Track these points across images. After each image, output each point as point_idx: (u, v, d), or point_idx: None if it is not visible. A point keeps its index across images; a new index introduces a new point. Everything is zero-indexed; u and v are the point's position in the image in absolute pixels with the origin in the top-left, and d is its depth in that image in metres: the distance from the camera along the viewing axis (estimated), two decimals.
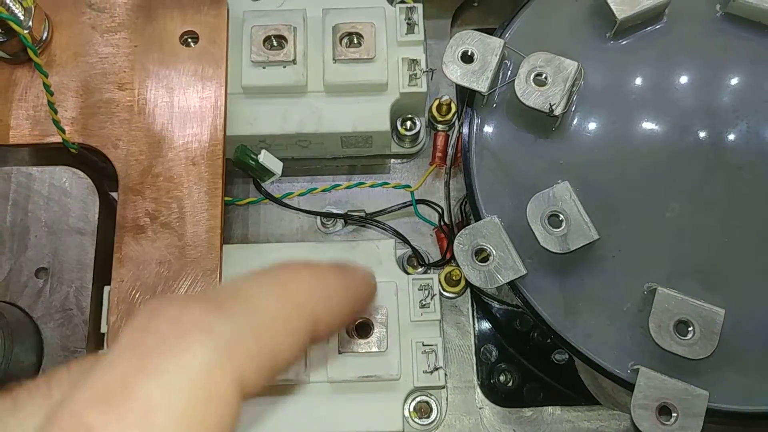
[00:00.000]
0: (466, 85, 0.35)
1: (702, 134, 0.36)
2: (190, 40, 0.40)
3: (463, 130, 0.36)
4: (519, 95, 0.35)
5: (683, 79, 0.37)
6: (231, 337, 0.17)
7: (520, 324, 0.42)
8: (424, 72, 0.41)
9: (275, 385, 0.35)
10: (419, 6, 0.42)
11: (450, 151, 0.41)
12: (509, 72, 0.37)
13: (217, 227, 0.36)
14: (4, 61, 0.39)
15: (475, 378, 0.40)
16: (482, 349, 0.42)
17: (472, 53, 0.36)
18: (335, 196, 0.44)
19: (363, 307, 0.22)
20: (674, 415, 0.31)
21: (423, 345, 0.36)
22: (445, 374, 0.36)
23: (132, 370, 0.16)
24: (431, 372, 0.35)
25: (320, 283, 0.20)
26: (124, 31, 0.40)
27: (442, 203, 0.42)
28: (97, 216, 0.37)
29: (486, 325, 0.42)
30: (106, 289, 0.36)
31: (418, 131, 0.43)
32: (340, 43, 0.40)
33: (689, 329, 0.31)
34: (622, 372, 0.33)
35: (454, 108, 0.43)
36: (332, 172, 0.45)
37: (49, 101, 0.34)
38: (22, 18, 0.37)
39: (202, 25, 0.40)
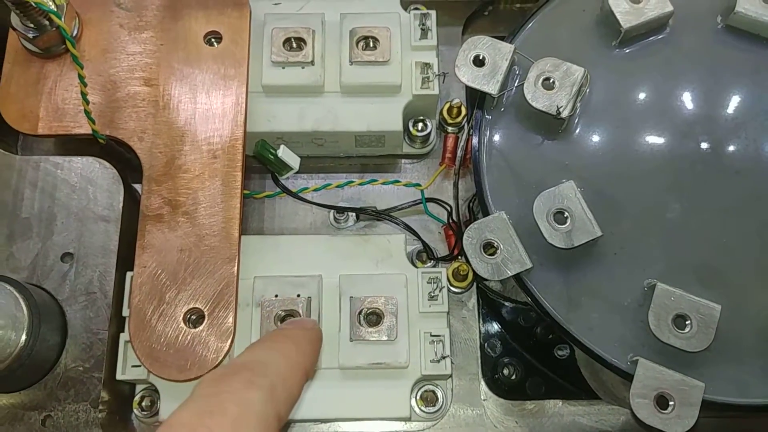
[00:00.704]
0: (477, 87, 0.37)
1: (702, 140, 0.37)
2: (213, 40, 0.42)
3: (474, 131, 0.38)
4: (528, 98, 0.36)
5: (685, 87, 0.38)
6: (270, 388, 0.27)
7: (523, 320, 0.43)
8: (436, 75, 0.42)
9: None
10: (433, 12, 0.44)
11: (459, 153, 0.42)
12: (518, 76, 0.38)
13: (235, 218, 0.38)
14: (36, 56, 0.41)
15: (480, 371, 0.41)
16: (487, 343, 0.43)
17: (484, 57, 0.37)
18: (348, 193, 0.45)
19: (320, 346, 0.35)
20: (671, 404, 0.32)
21: (431, 335, 0.38)
22: (452, 363, 0.38)
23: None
24: (438, 361, 0.37)
25: (300, 344, 0.32)
26: (150, 30, 0.41)
27: (451, 202, 0.44)
28: (121, 204, 0.39)
29: (491, 320, 0.44)
30: (129, 274, 0.38)
31: (429, 132, 0.45)
32: (357, 46, 0.42)
33: (687, 323, 0.33)
34: (622, 363, 0.34)
35: (464, 111, 0.44)
36: (346, 170, 0.46)
37: (82, 92, 0.36)
38: (57, 12, 0.38)
39: (225, 26, 0.42)
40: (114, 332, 0.37)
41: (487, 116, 0.38)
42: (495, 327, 0.44)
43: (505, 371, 0.43)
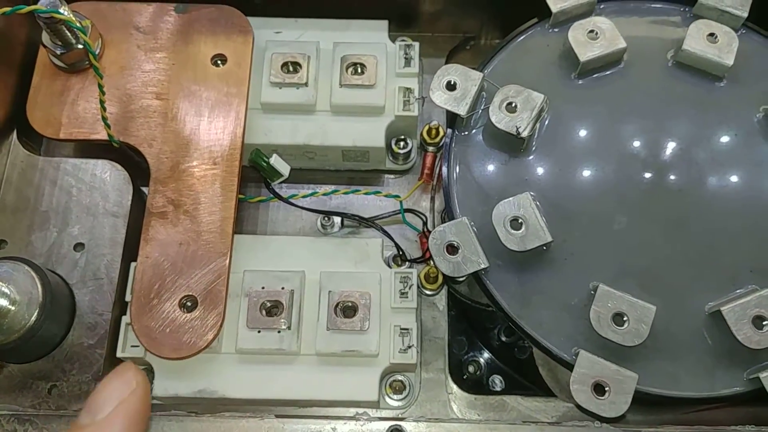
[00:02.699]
0: (448, 108, 0.42)
1: (649, 162, 0.42)
2: (219, 61, 0.47)
3: (445, 147, 0.43)
4: (492, 119, 0.41)
5: (636, 115, 0.43)
6: None
7: (488, 321, 0.47)
8: (416, 99, 0.47)
9: (272, 354, 0.41)
10: (416, 44, 0.49)
11: (436, 170, 0.47)
12: (486, 100, 0.43)
13: (230, 218, 0.42)
14: (62, 70, 0.46)
15: (446, 367, 0.45)
16: (454, 342, 0.47)
17: (455, 82, 0.42)
18: (334, 202, 0.50)
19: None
20: (607, 391, 0.36)
21: (400, 328, 0.42)
22: (418, 353, 0.42)
23: None
24: (405, 350, 0.41)
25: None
26: (164, 51, 0.47)
27: (427, 213, 0.48)
28: (129, 202, 0.44)
29: (459, 321, 0.48)
30: (132, 264, 0.42)
31: (410, 150, 0.50)
32: (346, 71, 0.47)
33: (624, 320, 0.37)
34: (567, 356, 0.38)
35: (442, 132, 0.49)
36: (334, 182, 0.51)
37: (101, 99, 0.41)
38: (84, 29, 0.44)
39: (230, 50, 0.47)
40: (117, 315, 0.42)
41: (457, 134, 0.43)
42: (462, 327, 0.48)
43: (470, 368, 0.47)
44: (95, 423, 0.29)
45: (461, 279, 0.42)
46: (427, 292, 0.46)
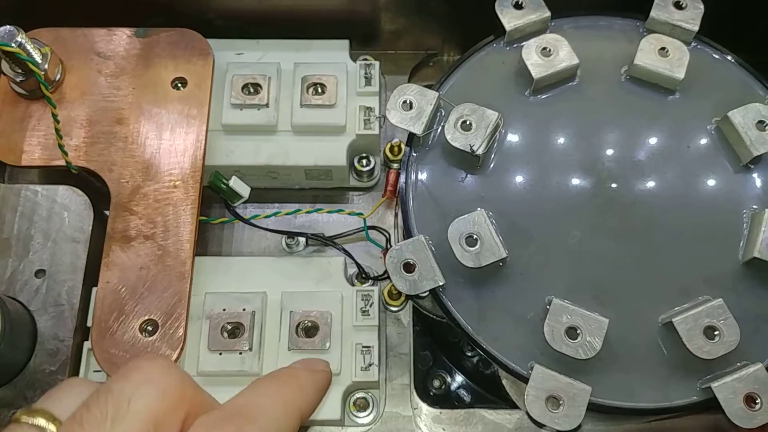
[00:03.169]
0: (404, 127, 0.42)
1: (603, 176, 0.42)
2: (179, 84, 0.47)
3: (402, 165, 0.43)
4: (448, 138, 0.41)
5: (589, 130, 0.43)
6: None
7: (452, 336, 0.48)
8: (377, 117, 0.48)
9: (234, 376, 0.41)
10: (377, 63, 0.50)
11: (399, 186, 0.48)
12: (443, 119, 0.44)
13: (191, 240, 0.43)
14: (23, 97, 0.46)
15: (411, 382, 0.46)
16: (419, 356, 0.47)
17: (411, 102, 0.43)
18: (299, 221, 0.50)
19: (326, 390, 0.32)
20: (561, 404, 0.37)
21: (362, 346, 0.42)
22: (379, 371, 0.42)
23: None
24: (367, 368, 0.41)
25: (305, 388, 0.30)
26: (124, 75, 0.47)
27: (391, 230, 0.49)
28: (90, 228, 0.44)
29: (423, 336, 0.48)
30: (94, 290, 0.42)
31: (373, 168, 0.50)
32: (307, 91, 0.48)
33: (578, 333, 0.37)
34: (523, 370, 0.38)
35: (404, 149, 0.50)
36: (299, 201, 0.51)
37: (56, 128, 0.42)
38: (39, 61, 0.44)
39: (190, 73, 0.47)
40: (78, 341, 0.42)
41: (414, 153, 0.44)
42: (427, 342, 0.48)
43: (435, 382, 0.47)
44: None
45: (423, 295, 0.42)
46: (392, 308, 0.47)
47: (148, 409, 0.22)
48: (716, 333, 0.37)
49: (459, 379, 0.47)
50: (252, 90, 0.48)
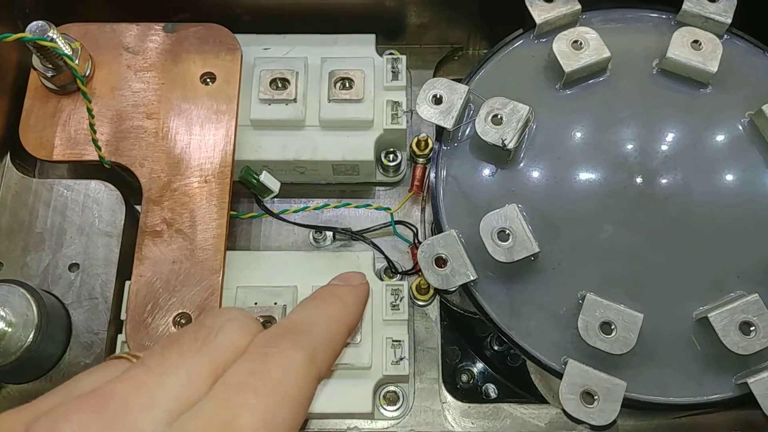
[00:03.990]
0: (435, 122, 0.42)
1: (635, 170, 0.42)
2: (208, 79, 0.47)
3: (433, 160, 0.43)
4: (478, 132, 0.41)
5: (621, 125, 0.43)
6: (312, 350, 0.28)
7: (480, 330, 0.48)
8: (404, 112, 0.48)
9: None
10: (403, 57, 0.49)
11: (426, 181, 0.48)
12: (473, 113, 0.44)
13: (222, 235, 0.43)
14: (53, 92, 0.47)
15: (440, 376, 0.46)
16: (447, 351, 0.47)
17: (441, 96, 0.43)
18: (326, 216, 0.50)
19: (366, 301, 0.36)
20: (595, 399, 0.36)
21: (392, 340, 0.42)
22: (409, 365, 0.42)
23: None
24: (397, 362, 0.41)
25: (347, 303, 0.34)
26: (154, 70, 0.47)
27: (418, 225, 0.49)
28: (122, 222, 0.44)
29: (451, 330, 0.48)
30: (127, 283, 0.43)
31: (400, 163, 0.50)
32: (335, 86, 0.48)
33: (612, 329, 0.37)
34: (556, 365, 0.38)
35: (431, 144, 0.50)
36: (325, 196, 0.51)
37: (90, 123, 0.42)
38: (70, 55, 0.44)
39: (219, 68, 0.47)
40: (112, 334, 0.42)
41: (444, 147, 0.44)
42: (455, 337, 0.48)
43: (464, 377, 0.47)
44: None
45: (452, 290, 0.42)
46: (420, 303, 0.47)
47: (231, 341, 0.27)
48: (752, 328, 0.37)
49: (487, 373, 0.47)
50: (280, 85, 0.48)
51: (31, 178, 0.47)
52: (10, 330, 0.38)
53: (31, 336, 0.38)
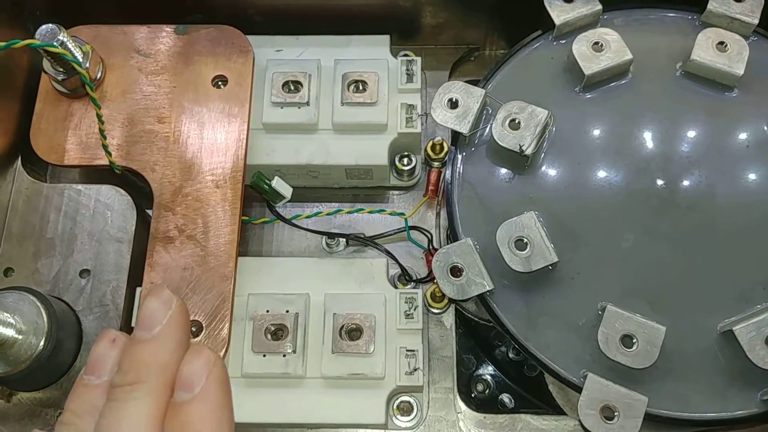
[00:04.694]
0: (450, 126, 0.41)
1: (657, 177, 0.41)
2: (220, 82, 0.47)
3: (448, 165, 0.42)
4: (495, 137, 0.40)
5: (643, 129, 0.42)
6: None
7: (496, 339, 0.47)
8: (419, 115, 0.47)
9: (278, 378, 0.41)
10: (418, 59, 0.48)
11: (441, 186, 0.47)
12: (490, 117, 0.43)
13: (234, 241, 0.42)
14: (64, 96, 0.46)
15: (455, 386, 0.45)
16: (462, 360, 0.46)
17: (457, 100, 0.42)
18: (339, 221, 0.50)
19: None
20: (616, 415, 0.35)
21: (406, 350, 0.41)
22: (423, 375, 0.41)
23: None
24: (411, 373, 0.41)
25: None
26: (165, 73, 0.47)
27: (433, 230, 0.48)
28: (134, 227, 0.44)
29: (467, 339, 0.47)
30: (138, 290, 0.42)
31: (414, 167, 0.49)
32: (348, 89, 0.47)
33: (633, 342, 0.36)
34: (575, 378, 0.37)
35: (446, 148, 0.49)
36: (339, 200, 0.51)
37: (100, 128, 0.41)
38: (81, 59, 0.44)
39: (230, 71, 0.47)
40: None
41: (460, 153, 0.43)
42: (470, 345, 0.47)
43: (479, 386, 0.46)
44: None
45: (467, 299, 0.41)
46: (434, 311, 0.46)
47: None
48: None
49: (503, 383, 0.46)
50: (292, 88, 0.47)
51: (42, 182, 0.47)
52: (20, 338, 0.38)
53: (42, 343, 0.38)
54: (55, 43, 0.40)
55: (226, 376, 0.27)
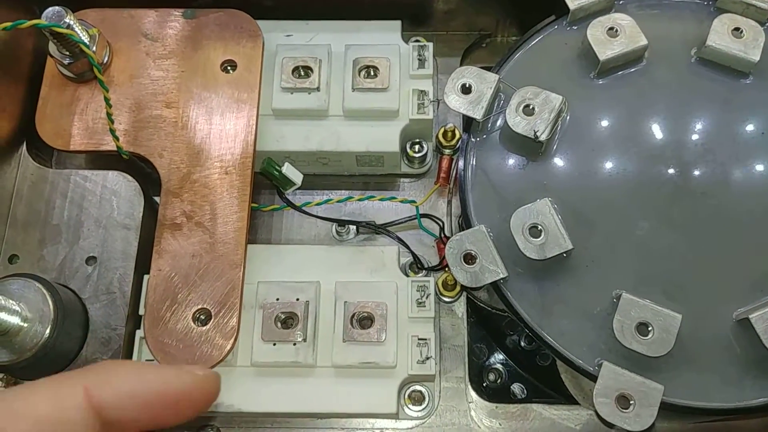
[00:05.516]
0: (464, 112, 0.41)
1: (671, 164, 0.40)
2: (229, 67, 0.46)
3: (461, 152, 0.42)
4: (509, 123, 0.40)
5: (657, 115, 0.41)
6: None
7: (509, 328, 0.46)
8: (431, 102, 0.46)
9: (288, 367, 0.40)
10: (430, 45, 0.48)
11: (453, 173, 0.46)
12: (503, 103, 0.42)
13: (243, 228, 0.42)
14: (70, 80, 0.45)
15: (467, 375, 0.44)
16: (474, 349, 0.46)
17: (470, 85, 0.41)
18: (349, 208, 0.49)
19: None
20: (631, 404, 0.35)
21: (418, 339, 0.41)
22: (436, 364, 0.41)
23: None
24: (423, 362, 0.40)
25: None
26: (173, 58, 0.46)
27: (444, 218, 0.47)
28: (141, 214, 0.43)
29: (478, 328, 0.47)
30: (146, 277, 0.41)
31: (425, 154, 0.49)
32: (359, 74, 0.46)
33: (649, 330, 0.36)
34: (590, 367, 0.37)
35: (458, 134, 0.48)
36: (349, 188, 0.50)
37: (107, 113, 0.41)
38: (87, 43, 0.43)
39: (240, 56, 0.46)
40: (131, 329, 0.41)
41: (473, 139, 0.42)
42: (482, 334, 0.47)
43: (491, 376, 0.46)
44: None
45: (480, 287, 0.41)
46: (446, 299, 0.46)
47: None
48: None
49: (515, 372, 0.46)
50: (303, 73, 0.46)
51: (48, 168, 0.46)
52: (26, 325, 0.37)
53: (48, 331, 0.37)
54: (62, 24, 0.40)
55: None
